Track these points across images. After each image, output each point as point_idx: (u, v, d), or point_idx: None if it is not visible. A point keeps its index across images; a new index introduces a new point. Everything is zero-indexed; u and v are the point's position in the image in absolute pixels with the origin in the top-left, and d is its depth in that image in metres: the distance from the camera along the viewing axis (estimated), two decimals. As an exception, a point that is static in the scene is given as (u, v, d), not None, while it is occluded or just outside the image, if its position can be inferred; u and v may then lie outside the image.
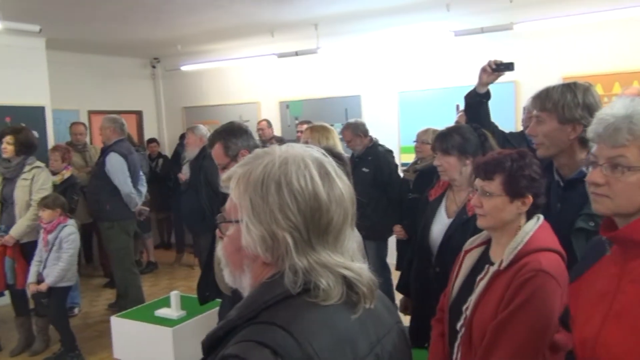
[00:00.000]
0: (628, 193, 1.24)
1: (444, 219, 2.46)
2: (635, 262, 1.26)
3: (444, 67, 5.96)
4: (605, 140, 1.26)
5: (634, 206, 1.25)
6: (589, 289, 1.37)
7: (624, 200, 1.25)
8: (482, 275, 1.82)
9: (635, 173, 1.22)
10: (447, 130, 2.50)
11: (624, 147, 1.23)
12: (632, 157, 1.22)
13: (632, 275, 1.26)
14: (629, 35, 5.10)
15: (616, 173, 1.24)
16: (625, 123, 1.23)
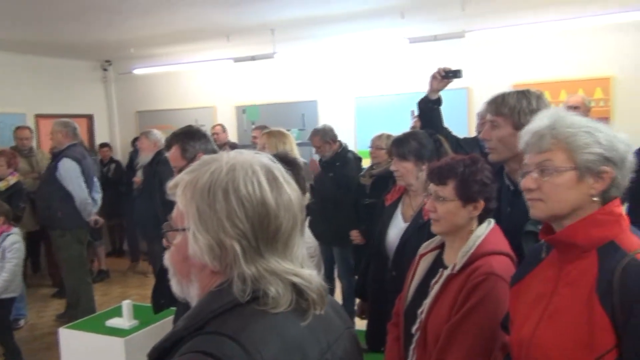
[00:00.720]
0: (558, 194, 1.30)
1: (400, 223, 2.48)
2: (571, 265, 1.30)
3: (399, 73, 6.05)
4: (533, 147, 1.34)
5: (566, 207, 1.30)
6: (528, 291, 1.41)
7: (555, 202, 1.30)
8: (436, 279, 1.84)
9: (561, 174, 1.28)
10: (403, 135, 2.53)
11: (550, 151, 1.30)
12: (557, 160, 1.29)
13: (567, 278, 1.30)
14: (574, 45, 5.31)
15: (545, 176, 1.31)
16: (548, 130, 1.31)
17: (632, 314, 1.16)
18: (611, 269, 1.21)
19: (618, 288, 1.19)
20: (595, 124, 1.32)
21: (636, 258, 1.20)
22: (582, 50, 5.29)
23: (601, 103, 5.18)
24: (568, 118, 1.32)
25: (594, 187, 1.28)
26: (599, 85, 5.21)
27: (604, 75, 5.19)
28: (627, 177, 1.30)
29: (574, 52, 5.32)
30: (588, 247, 1.27)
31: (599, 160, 1.26)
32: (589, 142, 1.27)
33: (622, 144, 1.28)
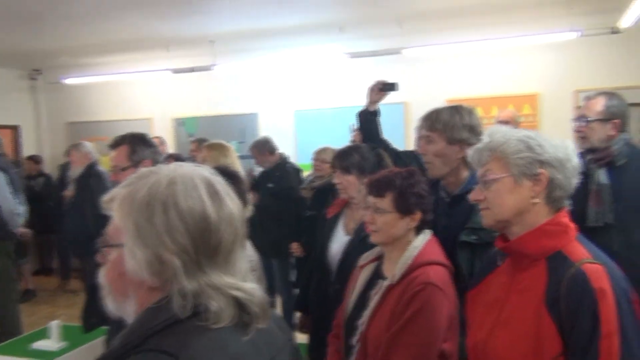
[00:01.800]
0: (499, 200, 1.39)
1: (342, 236, 2.50)
2: (522, 274, 1.37)
3: (339, 87, 6.14)
4: (477, 163, 1.45)
5: (508, 211, 1.38)
6: (483, 297, 1.48)
7: (498, 208, 1.39)
8: (375, 290, 1.87)
9: (499, 182, 1.38)
10: (346, 149, 2.56)
11: (488, 163, 1.41)
12: (495, 169, 1.39)
13: (518, 286, 1.37)
14: (505, 64, 5.58)
15: (487, 186, 1.40)
16: (486, 145, 1.42)
17: (575, 322, 1.23)
18: (559, 278, 1.28)
19: (565, 297, 1.25)
20: (526, 132, 1.41)
21: (581, 268, 1.26)
22: (512, 68, 5.57)
23: (529, 118, 5.46)
24: (501, 131, 1.43)
25: (533, 190, 1.36)
26: (527, 102, 5.50)
27: (532, 92, 5.49)
28: (573, 178, 1.38)
29: (504, 70, 5.59)
30: (538, 256, 1.34)
31: (531, 163, 1.35)
32: (520, 149, 1.36)
33: (558, 147, 1.37)
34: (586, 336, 1.21)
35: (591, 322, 1.21)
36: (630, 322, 1.23)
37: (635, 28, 4.69)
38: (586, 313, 1.21)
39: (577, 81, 5.29)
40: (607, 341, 1.19)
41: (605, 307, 1.21)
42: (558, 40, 5.12)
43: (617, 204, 2.42)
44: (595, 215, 2.44)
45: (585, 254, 1.31)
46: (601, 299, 1.21)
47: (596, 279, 1.24)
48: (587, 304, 1.22)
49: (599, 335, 1.20)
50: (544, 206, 1.37)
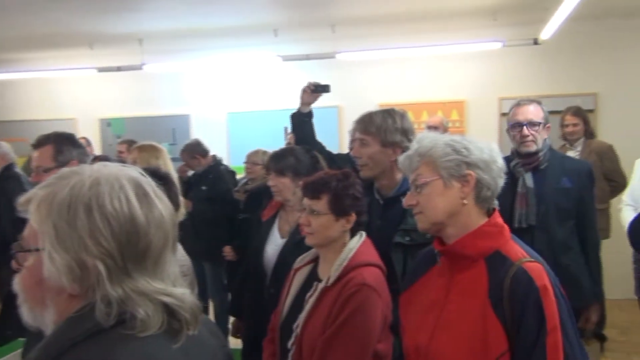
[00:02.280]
0: (430, 203, 1.42)
1: (277, 239, 2.47)
2: (461, 274, 1.40)
3: (273, 90, 6.11)
4: (408, 169, 1.48)
5: (440, 213, 1.41)
6: (420, 298, 1.49)
7: (431, 211, 1.42)
8: (311, 293, 1.86)
9: (429, 185, 1.41)
10: (281, 151, 2.54)
11: (418, 167, 1.44)
12: (425, 173, 1.43)
13: (458, 287, 1.39)
14: (435, 70, 5.76)
15: (419, 190, 1.43)
16: (415, 151, 1.46)
17: (522, 319, 1.27)
18: (500, 278, 1.32)
19: (508, 296, 1.29)
20: (453, 137, 1.46)
21: (523, 267, 1.31)
22: (441, 75, 5.76)
23: (457, 124, 5.66)
24: (429, 137, 1.47)
25: (463, 191, 1.40)
26: (455, 108, 5.70)
27: (460, 99, 5.69)
28: (499, 178, 1.43)
29: (434, 76, 5.77)
30: (476, 257, 1.38)
31: (459, 165, 1.39)
32: (447, 152, 1.40)
33: (484, 150, 1.42)
34: (533, 332, 1.26)
35: (537, 318, 1.26)
36: (567, 314, 1.30)
37: (554, 40, 4.97)
38: (532, 310, 1.26)
39: (501, 89, 5.54)
40: (552, 335, 1.25)
41: (548, 303, 1.27)
42: (484, 49, 5.35)
43: (540, 205, 2.54)
44: (521, 217, 2.56)
45: (523, 253, 1.37)
46: (544, 296, 1.27)
47: (538, 276, 1.30)
48: (533, 301, 1.27)
49: (546, 330, 1.25)
50: (474, 206, 1.41)
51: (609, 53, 5.32)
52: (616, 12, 5.03)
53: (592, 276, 2.56)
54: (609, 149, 4.24)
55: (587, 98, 5.30)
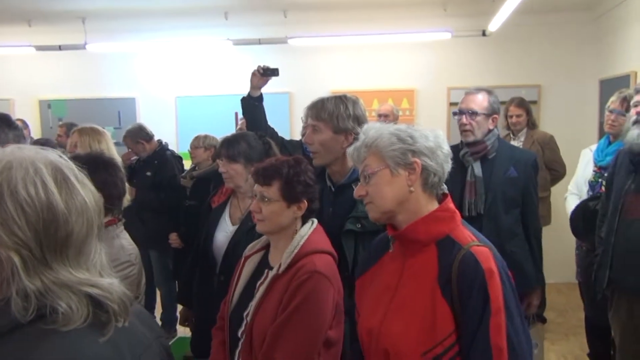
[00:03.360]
0: (379, 193, 1.44)
1: (228, 226, 2.43)
2: (413, 258, 1.43)
3: (224, 74, 5.98)
4: (357, 160, 1.50)
5: (389, 202, 1.43)
6: (374, 283, 1.51)
7: (380, 200, 1.44)
8: (262, 280, 1.84)
9: (377, 175, 1.44)
10: (233, 137, 2.48)
11: (366, 158, 1.47)
12: (372, 164, 1.45)
13: (410, 271, 1.42)
14: (386, 59, 5.79)
15: (367, 180, 1.46)
16: (363, 142, 1.48)
17: (468, 301, 1.31)
18: (449, 261, 1.35)
19: (456, 278, 1.33)
20: (398, 126, 1.48)
21: (471, 251, 1.35)
22: (393, 64, 5.80)
23: (407, 112, 5.73)
24: (375, 127, 1.49)
25: (410, 179, 1.42)
26: (405, 96, 5.77)
27: (410, 88, 5.76)
28: (445, 164, 1.46)
29: (385, 65, 5.80)
30: (428, 241, 1.41)
31: (404, 153, 1.41)
32: (393, 141, 1.42)
33: (429, 137, 1.44)
34: (478, 313, 1.29)
35: (482, 300, 1.30)
36: (512, 298, 1.34)
37: (501, 32, 5.10)
38: (478, 292, 1.30)
39: (450, 79, 5.64)
40: (496, 317, 1.29)
41: (493, 285, 1.30)
42: (434, 39, 5.42)
43: (488, 194, 2.60)
44: (470, 206, 2.61)
45: (472, 237, 1.41)
46: (490, 278, 1.31)
47: (485, 259, 1.33)
48: (478, 283, 1.30)
49: (490, 312, 1.29)
50: (422, 193, 1.44)
51: (553, 46, 5.50)
52: (560, 6, 5.21)
53: (534, 262, 2.66)
54: (550, 139, 4.40)
55: (531, 89, 5.48)
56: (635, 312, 2.49)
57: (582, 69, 5.40)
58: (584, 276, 3.18)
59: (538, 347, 2.76)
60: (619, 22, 4.80)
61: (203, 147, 3.91)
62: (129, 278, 1.93)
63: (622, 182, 2.51)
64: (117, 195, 2.06)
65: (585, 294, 3.27)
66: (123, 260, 1.95)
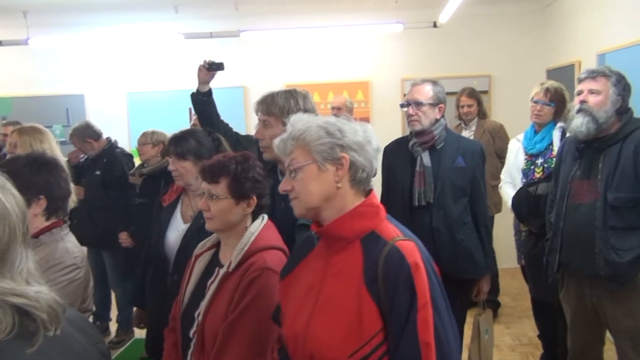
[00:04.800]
0: (306, 188, 1.38)
1: (180, 224, 2.39)
2: (338, 256, 1.38)
3: (175, 69, 5.87)
4: (283, 153, 1.43)
5: (315, 198, 1.38)
6: (298, 283, 1.46)
7: (306, 196, 1.39)
8: (212, 279, 1.82)
9: (304, 170, 1.38)
10: (181, 134, 2.44)
11: (292, 151, 1.40)
12: (299, 157, 1.39)
13: (335, 269, 1.38)
14: (340, 51, 5.79)
15: (294, 176, 1.40)
16: (289, 134, 1.42)
17: (394, 297, 1.28)
18: (375, 257, 1.31)
19: (382, 274, 1.29)
20: (327, 119, 1.43)
21: (396, 245, 1.31)
22: (347, 56, 5.81)
23: (362, 104, 5.76)
24: (302, 119, 1.43)
25: (337, 175, 1.37)
26: (360, 88, 5.80)
27: (364, 79, 5.79)
28: (374, 160, 1.43)
29: (339, 57, 5.81)
30: (353, 238, 1.37)
31: (332, 148, 1.37)
32: (321, 135, 1.37)
33: (358, 132, 1.40)
34: (405, 309, 1.27)
35: (409, 295, 1.27)
36: (438, 292, 1.33)
37: (452, 23, 5.18)
38: (404, 287, 1.27)
39: (403, 70, 5.70)
40: (423, 312, 1.27)
41: (419, 280, 1.28)
42: (386, 31, 5.46)
43: (437, 184, 2.65)
44: (420, 196, 2.66)
45: (397, 231, 1.37)
46: (416, 273, 1.28)
47: (410, 254, 1.31)
48: (404, 278, 1.28)
49: (416, 307, 1.26)
50: (350, 189, 1.40)
51: (502, 36, 5.62)
52: (507, -3, 5.33)
53: (484, 249, 2.72)
54: (500, 128, 4.51)
55: (482, 79, 5.60)
56: (583, 291, 2.59)
57: (530, 58, 5.54)
58: (526, 259, 3.28)
59: (489, 333, 2.84)
60: (565, 13, 4.95)
61: (151, 144, 3.82)
62: (75, 281, 1.87)
63: (568, 169, 2.60)
64: (61, 196, 1.99)
65: (529, 277, 3.38)
66: (68, 263, 1.89)
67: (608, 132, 2.45)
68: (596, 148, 2.48)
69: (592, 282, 2.52)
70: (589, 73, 2.50)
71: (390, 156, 2.86)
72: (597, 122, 2.42)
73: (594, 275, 2.45)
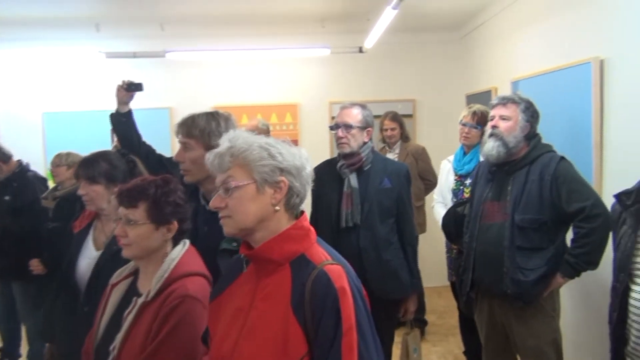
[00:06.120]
0: (241, 208, 1.35)
1: (92, 252, 2.26)
2: (267, 279, 1.36)
3: (97, 89, 5.64)
4: (217, 169, 1.39)
5: (250, 219, 1.36)
6: (228, 306, 1.42)
7: (240, 216, 1.36)
8: (130, 309, 1.72)
9: (242, 189, 1.35)
10: (92, 156, 2.32)
11: (230, 169, 1.37)
12: (238, 176, 1.36)
13: (263, 292, 1.35)
14: (269, 74, 5.78)
15: (229, 194, 1.36)
16: (227, 150, 1.38)
17: (320, 321, 1.27)
18: (303, 281, 1.30)
19: (309, 299, 1.28)
20: (266, 139, 1.41)
21: (324, 269, 1.31)
22: (275, 78, 5.81)
23: (291, 126, 5.77)
24: (242, 136, 1.40)
25: (275, 197, 1.36)
26: (289, 111, 5.81)
27: (293, 102, 5.81)
28: (307, 185, 1.42)
29: (268, 80, 5.80)
30: (282, 261, 1.35)
31: (273, 171, 1.36)
32: (263, 156, 1.36)
33: (295, 156, 1.40)
34: (330, 333, 1.26)
35: (334, 319, 1.26)
36: (364, 316, 1.33)
37: (377, 49, 5.32)
38: (330, 311, 1.27)
39: (330, 93, 5.78)
40: (347, 336, 1.26)
41: (345, 304, 1.28)
42: (314, 55, 5.53)
43: (364, 205, 2.68)
44: (347, 217, 2.67)
45: (326, 255, 1.37)
46: (342, 297, 1.28)
47: (337, 278, 1.30)
48: (331, 302, 1.27)
49: (341, 331, 1.26)
50: (284, 213, 1.39)
51: (424, 63, 5.84)
52: (428, 26, 5.55)
53: (410, 269, 2.77)
54: (422, 150, 4.65)
55: (406, 104, 5.78)
56: (494, 310, 2.68)
57: (451, 84, 5.78)
58: (455, 277, 3.38)
59: (417, 352, 2.88)
60: (480, 43, 5.23)
61: (65, 165, 3.63)
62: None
63: (481, 191, 2.71)
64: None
65: (457, 293, 3.47)
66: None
67: (517, 156, 2.57)
68: (506, 171, 2.59)
69: (501, 301, 2.60)
70: (500, 100, 2.63)
71: (319, 177, 2.83)
72: (507, 147, 2.54)
73: (502, 294, 2.53)
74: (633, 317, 1.72)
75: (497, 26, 4.74)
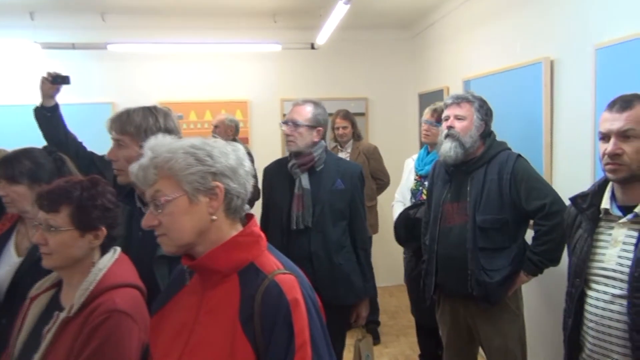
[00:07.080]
0: (175, 224, 1.23)
1: (12, 258, 2.05)
2: (214, 291, 1.25)
3: (32, 81, 5.26)
4: (143, 183, 1.26)
5: (188, 234, 1.24)
6: (170, 321, 1.30)
7: (177, 232, 1.24)
8: (50, 325, 1.54)
9: (173, 203, 1.22)
10: (14, 154, 2.11)
11: (157, 182, 1.24)
12: (166, 190, 1.23)
13: (209, 305, 1.24)
14: (218, 69, 5.59)
15: (160, 210, 1.23)
16: (151, 161, 1.24)
17: (271, 336, 1.16)
18: (252, 293, 1.20)
19: (259, 312, 1.18)
20: (192, 142, 1.27)
21: (275, 280, 1.20)
22: (225, 74, 5.61)
23: (241, 124, 5.60)
24: (165, 144, 1.26)
25: (211, 206, 1.24)
26: (239, 107, 5.63)
27: (243, 99, 5.64)
28: (247, 183, 1.30)
29: (217, 75, 5.60)
30: (229, 271, 1.24)
31: (204, 177, 1.23)
32: (190, 162, 1.22)
33: (229, 155, 1.27)
34: (282, 349, 1.16)
35: (286, 334, 1.16)
36: (319, 329, 1.23)
37: (329, 45, 5.22)
38: (282, 326, 1.17)
39: (282, 90, 5.64)
40: (301, 352, 1.16)
41: (298, 317, 1.18)
42: (265, 50, 5.38)
43: (316, 207, 2.56)
44: (298, 219, 2.55)
45: (277, 264, 1.27)
46: (295, 310, 1.18)
47: (289, 289, 1.20)
48: (283, 316, 1.17)
49: (294, 347, 1.16)
50: (225, 219, 1.27)
51: (376, 61, 5.79)
52: (379, 24, 5.49)
53: (362, 273, 2.67)
54: (374, 149, 4.58)
55: (359, 102, 5.71)
56: (458, 311, 2.64)
57: (403, 83, 5.76)
58: (407, 281, 3.32)
59: (369, 358, 2.79)
60: (432, 42, 5.21)
61: None
62: None
63: (439, 192, 2.65)
64: None
65: (410, 298, 3.41)
66: None
67: (474, 155, 2.54)
68: (464, 171, 2.55)
69: (465, 302, 2.57)
70: (453, 99, 2.58)
71: (269, 177, 2.75)
72: (464, 147, 2.50)
73: (467, 295, 2.49)
74: (589, 324, 1.67)
75: (449, 25, 4.73)
